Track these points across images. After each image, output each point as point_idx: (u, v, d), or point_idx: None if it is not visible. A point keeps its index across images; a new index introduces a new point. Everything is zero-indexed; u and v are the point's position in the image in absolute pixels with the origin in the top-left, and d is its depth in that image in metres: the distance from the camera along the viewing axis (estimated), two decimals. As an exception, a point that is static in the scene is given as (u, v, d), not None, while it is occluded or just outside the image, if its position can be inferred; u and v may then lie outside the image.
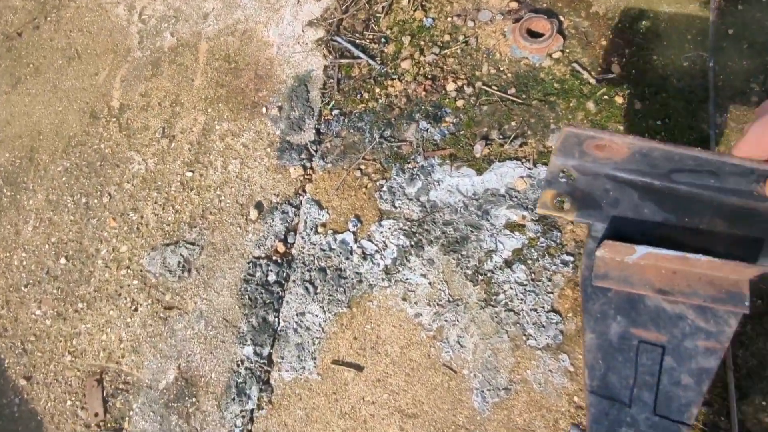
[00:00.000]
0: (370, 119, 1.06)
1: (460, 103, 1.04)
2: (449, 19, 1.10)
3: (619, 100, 0.96)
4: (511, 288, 0.90)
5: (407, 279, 0.93)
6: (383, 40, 1.12)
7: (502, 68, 1.04)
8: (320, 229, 1.00)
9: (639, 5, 1.02)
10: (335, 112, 1.09)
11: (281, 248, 1.00)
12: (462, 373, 0.87)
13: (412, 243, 0.95)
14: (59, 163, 1.16)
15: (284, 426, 0.89)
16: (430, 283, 0.92)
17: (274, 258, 1.00)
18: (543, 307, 0.88)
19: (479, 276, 0.91)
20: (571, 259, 0.90)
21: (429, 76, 1.06)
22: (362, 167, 1.03)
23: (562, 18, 1.05)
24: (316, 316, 0.94)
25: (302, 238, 1.00)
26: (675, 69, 0.97)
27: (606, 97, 0.97)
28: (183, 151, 1.12)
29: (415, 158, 1.01)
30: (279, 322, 0.95)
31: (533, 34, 1.01)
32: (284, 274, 0.98)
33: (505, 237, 0.93)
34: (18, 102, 1.25)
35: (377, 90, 1.08)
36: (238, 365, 0.93)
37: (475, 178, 0.97)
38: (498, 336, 0.87)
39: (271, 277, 0.98)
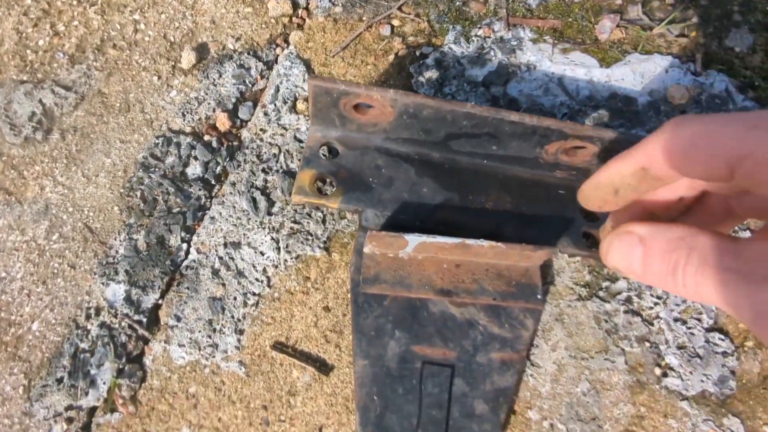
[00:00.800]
0: (421, -46, 0.62)
1: (576, -42, 0.61)
2: None
3: None
4: (640, 271, 0.47)
5: (445, 219, 0.49)
6: None
7: None
8: (301, 106, 0.55)
9: None
10: (365, -67, 0.64)
11: (224, 124, 0.55)
12: (526, 414, 0.44)
13: (465, 158, 0.51)
14: None
15: (150, 454, 0.44)
16: (486, 235, 0.49)
17: (205, 138, 0.54)
18: (699, 320, 0.45)
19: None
20: None
21: None
22: (394, 22, 0.59)
23: None
24: (262, 254, 0.49)
25: (265, 114, 0.55)
26: None
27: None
28: (97, -53, 0.65)
29: (491, 23, 0.58)
30: (187, 252, 0.50)
31: None
32: (218, 168, 0.53)
33: (638, 179, 0.50)
34: None
35: None
36: (88, 316, 0.48)
37: (596, 71, 0.54)
38: (606, 357, 0.45)
39: (194, 170, 0.53)
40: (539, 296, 0.43)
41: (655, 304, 0.46)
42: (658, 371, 0.44)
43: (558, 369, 0.45)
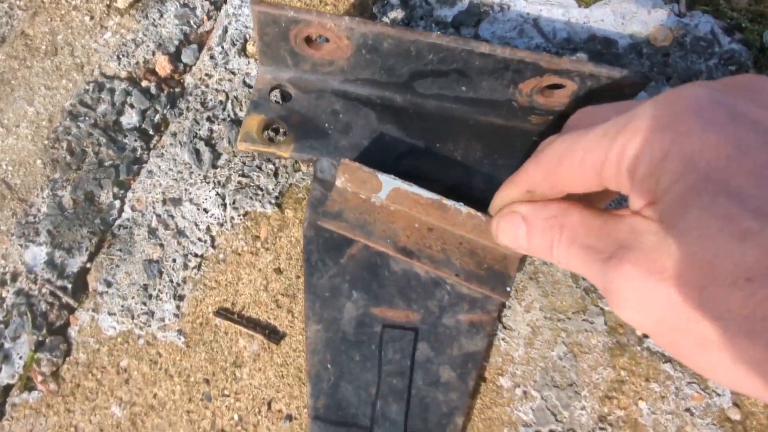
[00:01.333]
0: None
1: None
2: None
3: None
4: (621, 226, 0.43)
5: (410, 172, 0.45)
6: None
7: None
8: (251, 49, 0.49)
9: None
10: None
11: (164, 69, 0.49)
12: (497, 381, 0.40)
13: (432, 106, 0.46)
14: None
15: (74, 435, 0.38)
16: (455, 189, 0.44)
17: (143, 84, 0.48)
18: (683, 276, 0.42)
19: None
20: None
21: None
22: (357, -39, 0.53)
23: None
24: (206, 211, 0.44)
25: (211, 58, 0.49)
26: None
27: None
28: None
29: (461, -36, 0.52)
30: (120, 210, 0.44)
31: None
32: (157, 118, 0.47)
33: (619, 127, 0.46)
34: None
35: None
36: (3, 282, 0.42)
37: (574, 11, 0.49)
38: (584, 318, 0.41)
39: (129, 118, 0.47)
40: (508, 289, 0.37)
41: (637, 260, 0.42)
42: (638, 332, 0.40)
43: (532, 331, 0.41)
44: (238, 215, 0.44)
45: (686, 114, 0.19)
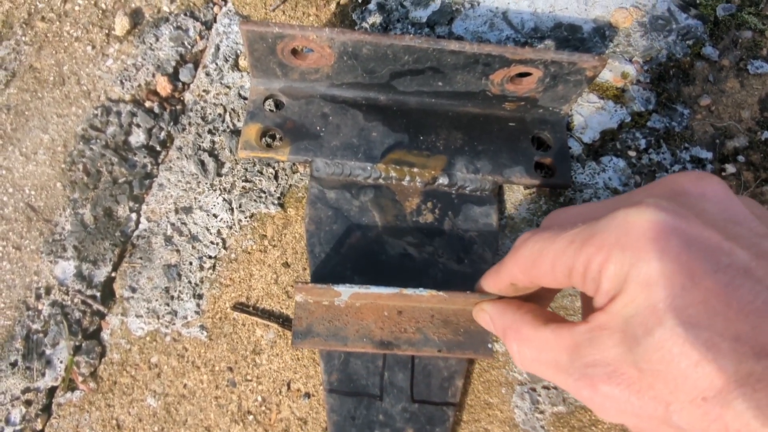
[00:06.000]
0: None
1: None
2: None
3: None
4: (599, 197, 0.47)
5: (399, 164, 0.48)
6: None
7: None
8: (243, 63, 0.53)
9: None
10: None
11: (165, 89, 0.53)
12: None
13: (415, 101, 0.50)
14: None
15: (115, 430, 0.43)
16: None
17: (146, 104, 0.52)
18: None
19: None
20: (710, 156, 0.48)
21: None
22: (334, -28, 0.57)
23: None
24: (215, 216, 0.48)
25: (207, 75, 0.53)
26: None
27: None
28: None
29: (432, -35, 0.56)
30: (137, 222, 0.48)
31: None
32: (163, 135, 0.51)
33: (589, 107, 0.50)
34: None
35: None
36: (38, 296, 0.46)
37: (540, 2, 0.53)
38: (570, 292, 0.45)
39: (137, 137, 0.51)
40: (489, 345, 0.39)
41: (614, 227, 0.46)
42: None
43: (522, 300, 0.44)
44: (245, 217, 0.48)
45: (644, 240, 0.21)
